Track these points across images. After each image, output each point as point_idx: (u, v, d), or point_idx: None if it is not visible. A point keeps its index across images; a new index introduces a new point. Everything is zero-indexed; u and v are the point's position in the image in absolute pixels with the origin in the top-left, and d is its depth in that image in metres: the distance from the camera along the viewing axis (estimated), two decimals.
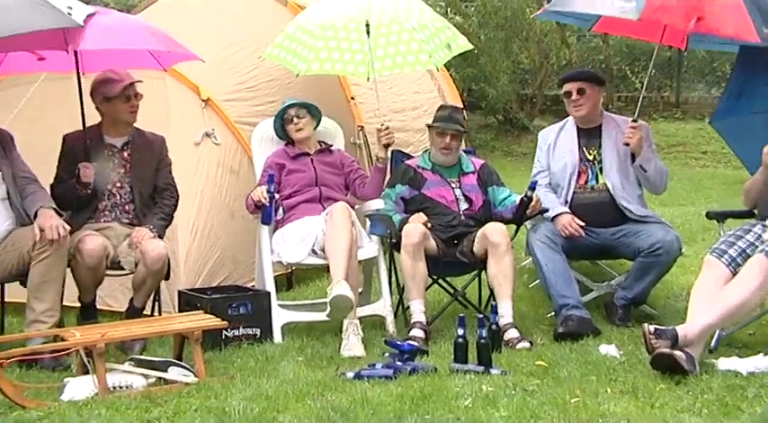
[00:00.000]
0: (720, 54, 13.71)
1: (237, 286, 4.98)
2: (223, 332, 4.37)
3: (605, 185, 4.85)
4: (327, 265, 4.53)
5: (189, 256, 5.04)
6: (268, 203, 4.70)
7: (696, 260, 5.08)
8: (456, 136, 4.91)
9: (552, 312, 4.72)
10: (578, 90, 4.90)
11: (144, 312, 4.55)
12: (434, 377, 3.80)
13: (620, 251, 4.86)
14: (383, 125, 4.98)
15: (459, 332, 4.02)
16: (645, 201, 4.99)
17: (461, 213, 4.84)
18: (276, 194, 4.78)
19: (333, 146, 5.19)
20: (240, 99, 5.75)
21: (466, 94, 11.54)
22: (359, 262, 4.70)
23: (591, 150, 4.93)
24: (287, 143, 5.09)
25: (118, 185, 4.66)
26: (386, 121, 5.07)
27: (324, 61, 5.27)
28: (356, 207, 4.92)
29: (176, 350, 4.10)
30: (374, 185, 4.96)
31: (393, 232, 4.74)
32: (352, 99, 6.34)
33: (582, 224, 4.72)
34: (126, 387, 3.70)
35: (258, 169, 5.05)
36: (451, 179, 4.93)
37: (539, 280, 4.84)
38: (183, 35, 4.69)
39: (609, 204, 4.82)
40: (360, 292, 4.82)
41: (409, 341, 4.26)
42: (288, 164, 4.96)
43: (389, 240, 4.86)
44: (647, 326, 3.83)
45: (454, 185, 4.91)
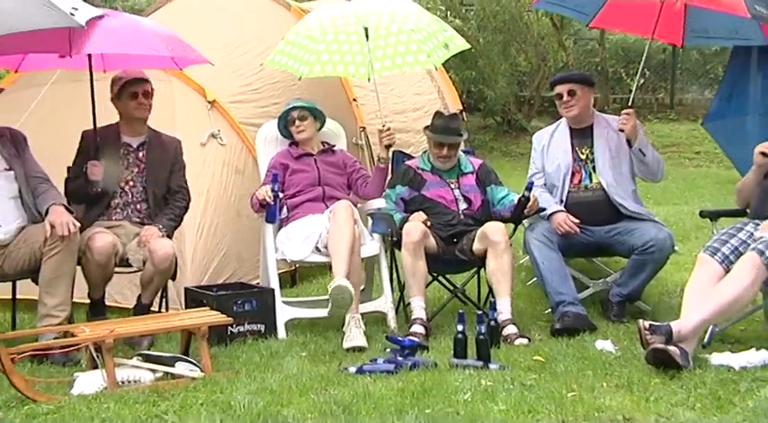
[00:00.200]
0: (713, 56, 13.74)
1: (242, 283, 4.98)
2: (228, 328, 4.37)
3: (599, 184, 4.84)
4: (330, 262, 4.54)
5: (195, 254, 5.04)
6: (272, 202, 4.70)
7: (690, 258, 5.07)
8: (454, 145, 4.91)
9: (549, 309, 4.72)
10: (569, 91, 4.90)
11: (151, 309, 4.55)
12: (434, 372, 3.80)
13: (615, 249, 4.85)
14: (384, 126, 4.97)
15: (459, 328, 4.01)
16: (639, 197, 4.99)
17: (461, 213, 4.83)
18: (280, 193, 4.78)
19: (335, 146, 5.19)
20: (245, 101, 5.75)
21: (465, 95, 11.54)
22: (361, 259, 4.70)
23: (583, 150, 4.93)
24: (291, 143, 5.09)
25: (131, 184, 4.65)
26: (387, 122, 5.06)
27: (325, 64, 5.27)
28: (358, 206, 4.92)
29: (183, 346, 4.11)
30: (376, 185, 4.96)
31: (394, 231, 4.74)
32: (354, 100, 6.34)
33: (576, 221, 4.73)
34: (134, 381, 3.70)
35: (263, 169, 5.05)
36: (450, 180, 4.92)
37: (536, 277, 4.84)
38: (190, 38, 4.68)
39: (603, 203, 4.82)
40: (362, 289, 4.82)
41: (410, 337, 4.25)
42: (292, 164, 4.96)
43: (390, 239, 4.86)
44: (641, 322, 3.82)
45: (453, 186, 4.90)
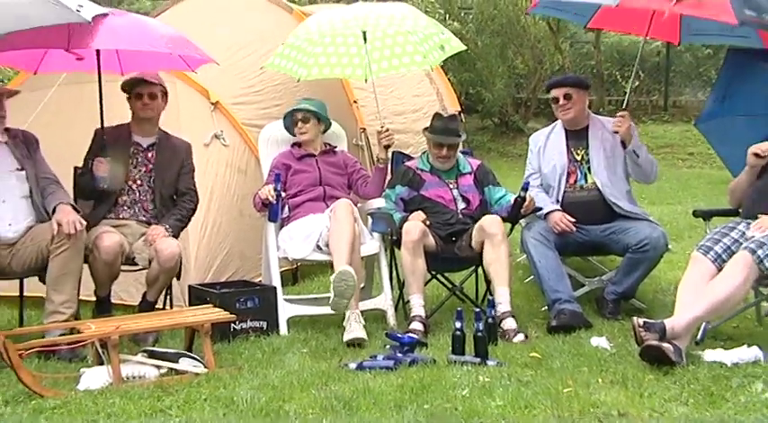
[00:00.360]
0: (706, 59, 13.75)
1: (245, 281, 4.99)
2: (231, 325, 4.36)
3: (594, 184, 4.85)
4: (331, 261, 4.53)
5: (199, 253, 5.05)
6: (275, 202, 4.70)
7: (683, 256, 5.07)
8: (453, 146, 4.91)
9: (545, 306, 4.72)
10: (565, 95, 4.91)
11: (156, 306, 4.55)
12: (433, 368, 3.80)
13: (610, 247, 4.86)
14: (383, 127, 4.97)
15: (457, 325, 4.02)
16: (633, 197, 4.99)
17: (459, 212, 4.83)
18: (282, 193, 4.78)
19: (337, 147, 5.19)
20: (248, 102, 5.76)
21: (463, 97, 11.53)
22: (361, 258, 4.70)
23: (579, 151, 4.93)
24: (293, 144, 5.09)
25: (138, 183, 4.65)
26: (387, 124, 5.06)
27: (323, 66, 5.28)
28: (358, 205, 4.92)
29: (187, 342, 4.11)
30: (375, 185, 4.96)
31: (393, 230, 4.74)
32: (355, 102, 6.35)
33: (572, 220, 4.73)
34: (139, 377, 3.71)
35: (265, 169, 5.05)
36: (449, 180, 4.92)
37: (533, 276, 4.84)
38: (195, 41, 4.67)
39: (598, 202, 4.82)
40: (362, 287, 4.82)
41: (409, 334, 4.26)
42: (294, 164, 4.96)
43: (390, 237, 4.87)
44: (636, 319, 3.83)
45: (452, 186, 4.90)
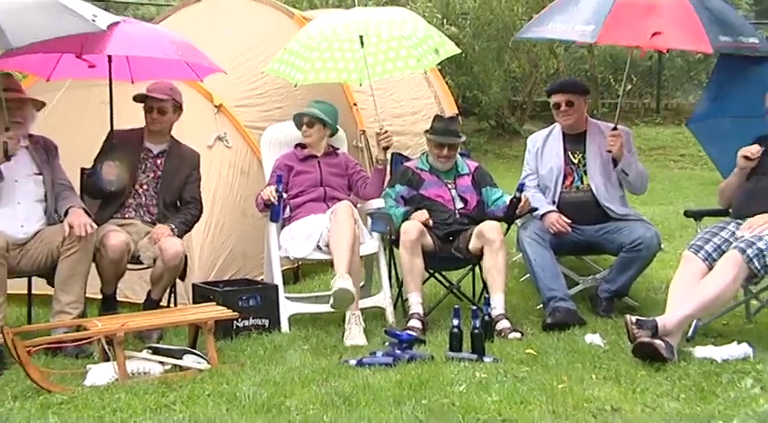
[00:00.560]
0: (697, 64, 13.74)
1: (247, 280, 4.98)
2: (234, 322, 4.37)
3: (589, 186, 4.85)
4: (331, 259, 4.54)
5: (202, 252, 5.05)
6: (276, 202, 4.70)
7: (675, 255, 5.06)
8: (453, 146, 4.91)
9: (541, 304, 4.72)
10: (567, 102, 4.90)
11: (161, 304, 4.56)
12: (431, 364, 3.81)
13: (604, 247, 4.86)
14: (382, 129, 4.97)
15: (455, 323, 4.02)
16: (626, 201, 4.99)
17: (457, 212, 4.83)
18: (284, 194, 4.78)
19: (339, 149, 5.19)
20: (250, 105, 5.75)
21: (461, 100, 11.50)
22: (361, 257, 4.70)
23: (576, 154, 4.93)
24: (296, 145, 5.08)
25: (144, 187, 4.65)
26: (385, 126, 5.06)
27: (318, 71, 5.28)
28: (358, 206, 4.92)
29: (191, 339, 4.11)
30: (375, 186, 4.95)
31: (393, 229, 4.74)
32: (355, 105, 6.34)
33: (568, 222, 4.73)
34: (144, 373, 3.71)
35: (267, 171, 5.05)
36: (448, 180, 4.92)
37: (528, 274, 4.84)
38: (198, 46, 4.68)
39: (593, 204, 4.82)
40: (362, 286, 4.82)
41: (408, 331, 4.26)
42: (296, 165, 4.96)
43: (389, 237, 4.87)
44: (629, 317, 3.83)
45: (450, 186, 4.91)
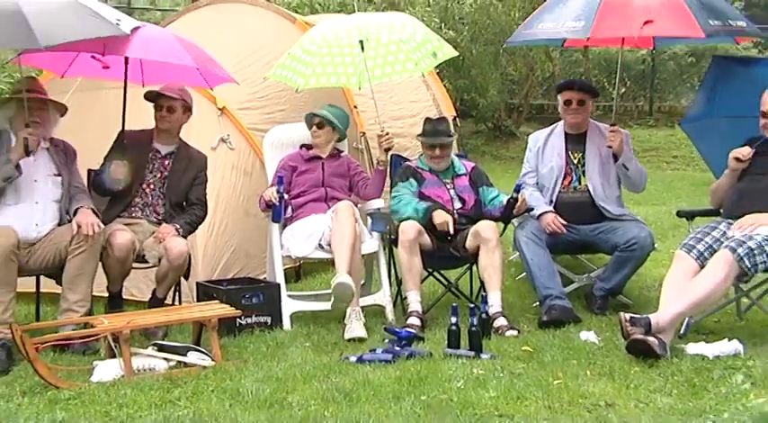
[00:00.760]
0: (689, 67, 13.77)
1: (250, 278, 4.97)
2: (237, 320, 4.37)
3: (586, 186, 4.85)
4: (332, 258, 4.54)
5: (206, 251, 5.05)
6: (278, 203, 4.70)
7: (667, 254, 5.08)
8: (444, 146, 4.91)
9: (537, 302, 4.72)
10: (579, 101, 4.89)
11: (165, 302, 4.56)
12: (430, 361, 3.81)
13: (599, 246, 4.86)
14: (383, 131, 4.97)
15: (453, 320, 4.03)
16: (622, 201, 4.99)
17: (455, 212, 4.83)
18: (285, 195, 4.78)
19: (343, 152, 5.19)
20: (253, 108, 5.75)
21: (459, 103, 11.52)
22: (361, 256, 4.70)
23: (576, 154, 4.93)
24: (302, 146, 5.09)
25: (151, 187, 4.65)
26: (386, 128, 5.06)
27: (319, 76, 5.28)
28: (358, 206, 4.93)
29: (195, 336, 4.12)
30: (375, 186, 4.95)
31: (392, 229, 4.74)
32: (355, 108, 6.34)
33: (564, 223, 4.73)
34: (149, 369, 3.71)
35: (270, 172, 5.05)
36: (446, 180, 4.93)
37: (525, 273, 4.85)
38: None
39: (589, 204, 4.83)
40: (362, 284, 4.82)
41: (407, 328, 4.26)
42: (300, 165, 4.97)
43: (389, 237, 4.88)
44: (623, 314, 3.84)
45: (449, 186, 4.91)
